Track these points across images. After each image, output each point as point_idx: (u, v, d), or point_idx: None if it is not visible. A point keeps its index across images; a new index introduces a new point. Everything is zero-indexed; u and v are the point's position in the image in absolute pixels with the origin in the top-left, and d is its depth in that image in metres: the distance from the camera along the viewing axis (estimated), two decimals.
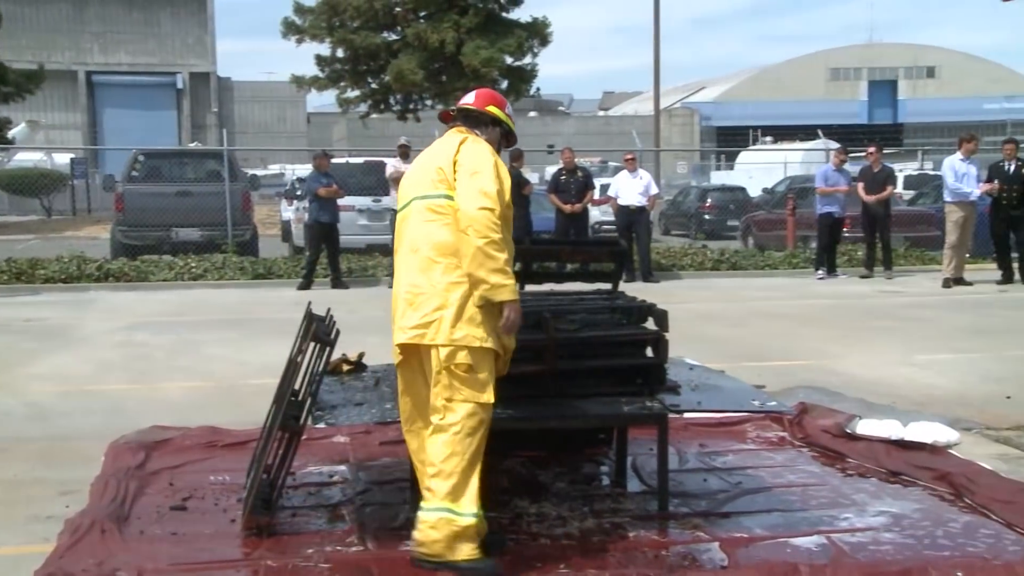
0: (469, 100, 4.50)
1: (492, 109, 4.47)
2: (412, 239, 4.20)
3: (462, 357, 4.05)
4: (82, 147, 47.55)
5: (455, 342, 4.04)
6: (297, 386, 4.78)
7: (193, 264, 16.89)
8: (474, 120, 4.46)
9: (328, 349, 4.77)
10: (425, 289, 4.09)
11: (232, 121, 54.34)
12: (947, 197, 15.58)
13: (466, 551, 4.05)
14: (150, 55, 54.23)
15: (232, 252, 17.87)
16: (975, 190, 15.24)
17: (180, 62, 54.98)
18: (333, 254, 15.80)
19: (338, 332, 4.82)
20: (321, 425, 4.83)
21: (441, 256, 4.11)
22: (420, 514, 4.11)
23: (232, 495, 5.15)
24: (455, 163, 4.20)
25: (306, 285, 15.50)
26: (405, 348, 4.18)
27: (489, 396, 4.11)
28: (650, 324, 5.17)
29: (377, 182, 18.39)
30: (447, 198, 4.16)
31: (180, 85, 54.87)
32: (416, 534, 4.12)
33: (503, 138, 4.52)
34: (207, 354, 9.76)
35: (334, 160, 18.30)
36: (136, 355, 9.74)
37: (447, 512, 4.05)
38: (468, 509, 4.05)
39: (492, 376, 4.13)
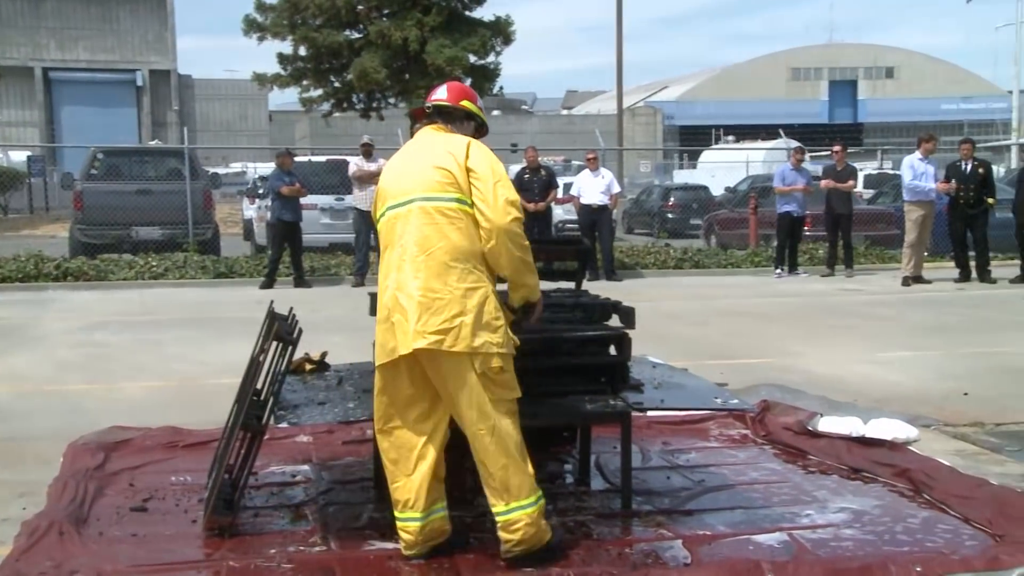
0: (442, 95, 4.45)
1: (466, 104, 4.46)
2: (420, 240, 4.10)
3: (496, 361, 4.08)
4: (39, 144, 47.00)
5: (475, 350, 4.03)
6: (259, 385, 4.75)
7: (154, 263, 16.78)
8: (448, 116, 4.43)
9: (290, 348, 4.75)
10: (443, 294, 4.04)
11: (193, 119, 53.86)
12: (906, 196, 15.74)
13: (547, 526, 4.22)
14: (109, 52, 53.61)
15: (193, 251, 17.77)
16: (933, 187, 15.40)
17: (140, 59, 54.39)
18: (296, 253, 15.74)
19: (300, 331, 4.79)
20: (283, 425, 4.80)
21: (455, 261, 4.08)
22: (503, 519, 4.12)
23: (193, 496, 5.11)
24: (467, 169, 4.17)
25: (268, 284, 15.43)
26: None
27: (519, 391, 4.20)
28: (615, 321, 5.18)
29: (340, 181, 18.33)
30: (459, 202, 4.13)
31: (140, 82, 54.28)
32: (509, 535, 4.12)
33: (475, 132, 4.52)
34: (168, 353, 9.68)
35: (297, 158, 18.22)
36: (96, 355, 9.65)
37: (527, 507, 4.12)
38: (534, 493, 4.16)
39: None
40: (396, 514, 4.24)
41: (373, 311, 4.35)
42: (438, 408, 4.20)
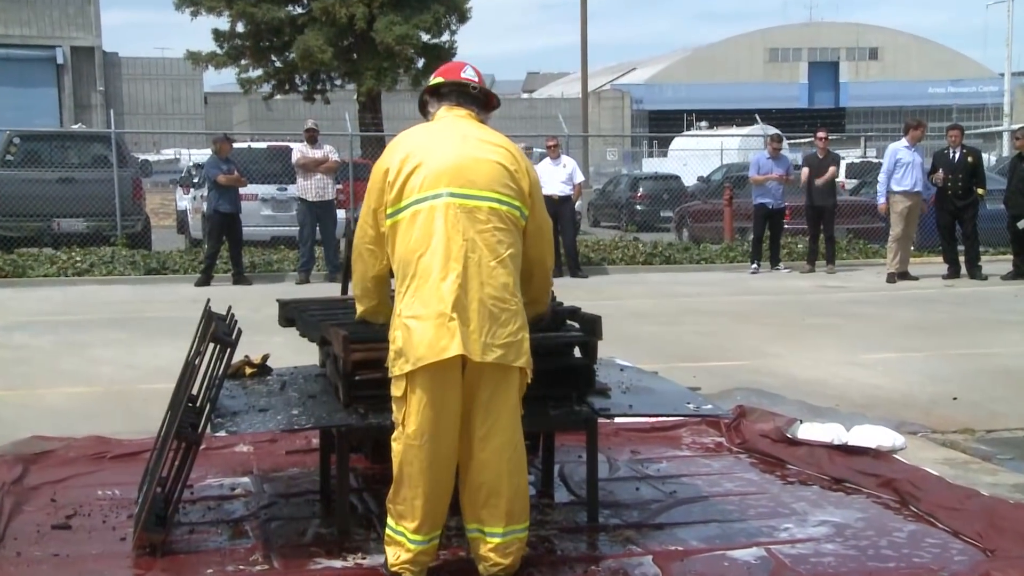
0: (472, 76, 4.41)
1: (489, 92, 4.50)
2: (492, 245, 4.06)
3: (529, 378, 4.17)
4: None
5: (527, 365, 4.13)
6: (195, 391, 4.72)
7: (78, 258, 16.64)
8: (479, 104, 4.43)
9: (229, 350, 4.72)
10: (510, 305, 4.06)
11: (120, 101, 53.34)
12: (883, 188, 15.83)
13: None
14: (25, 26, 52.92)
15: (122, 245, 17.64)
16: (916, 182, 15.49)
17: (60, 34, 53.73)
18: (235, 247, 15.67)
19: (240, 332, 4.77)
20: (222, 433, 4.77)
21: (517, 272, 4.15)
22: (496, 542, 4.13)
23: (122, 511, 5.07)
24: (532, 182, 4.26)
25: (205, 281, 15.37)
26: (452, 362, 4.01)
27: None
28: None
29: (282, 169, 18.24)
30: (519, 211, 4.19)
31: (60, 60, 53.63)
32: (500, 559, 4.13)
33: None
34: (94, 357, 9.60)
35: (236, 144, 18.12)
36: (13, 358, 9.55)
37: (522, 531, 4.20)
38: (527, 515, 4.25)
39: None
40: (408, 536, 4.12)
41: (285, 321, 4.26)
42: (458, 419, 4.14)
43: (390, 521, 4.18)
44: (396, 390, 4.09)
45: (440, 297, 3.97)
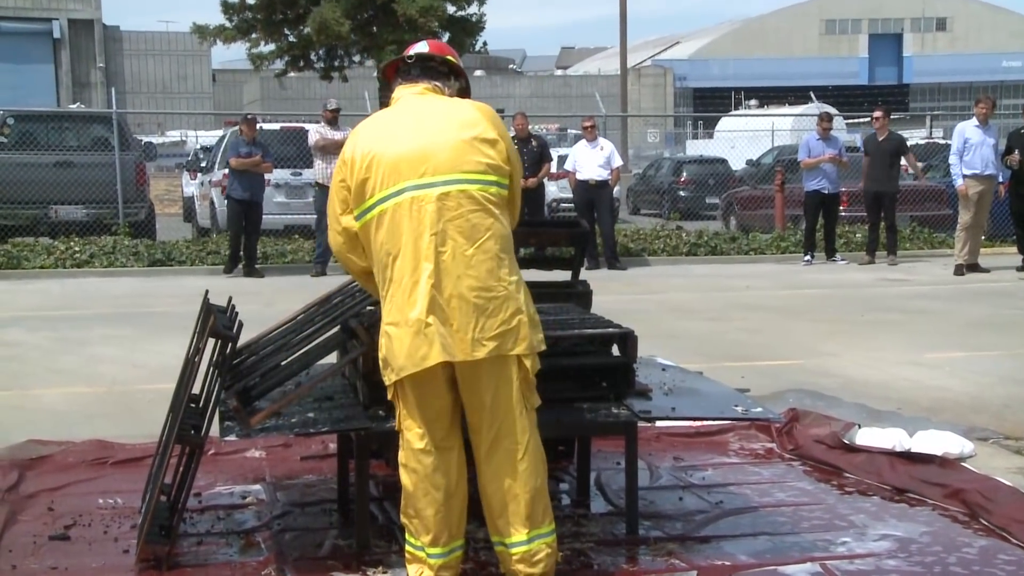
0: (423, 49, 4.41)
1: (451, 59, 4.43)
2: (468, 231, 4.04)
3: (534, 363, 4.15)
4: None
5: (533, 349, 4.11)
6: (197, 391, 4.74)
7: (77, 248, 16.74)
8: (434, 74, 4.37)
9: (230, 345, 4.72)
10: (499, 292, 4.04)
11: (122, 79, 53.72)
12: (956, 169, 15.73)
13: None
14: None
15: (124, 234, 17.73)
16: (987, 164, 15.36)
17: (56, 6, 54.13)
18: (249, 236, 15.77)
19: (241, 325, 4.77)
20: (231, 438, 4.79)
21: (504, 252, 4.10)
22: (522, 550, 4.12)
23: (125, 521, 5.11)
24: (508, 152, 4.21)
25: (229, 268, 15.68)
26: (433, 370, 4.04)
27: (538, 399, 4.24)
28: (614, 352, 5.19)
29: (297, 152, 18.29)
30: (499, 186, 4.15)
31: (57, 34, 54.01)
32: (530, 570, 4.13)
33: (459, 94, 4.50)
34: (94, 354, 9.67)
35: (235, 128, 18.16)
36: (7, 356, 9.62)
37: (548, 535, 4.18)
38: (552, 518, 4.23)
39: None
40: (427, 551, 4.15)
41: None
42: (457, 421, 4.19)
43: (409, 538, 4.20)
44: (391, 398, 4.17)
45: (413, 302, 3.99)
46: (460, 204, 4.04)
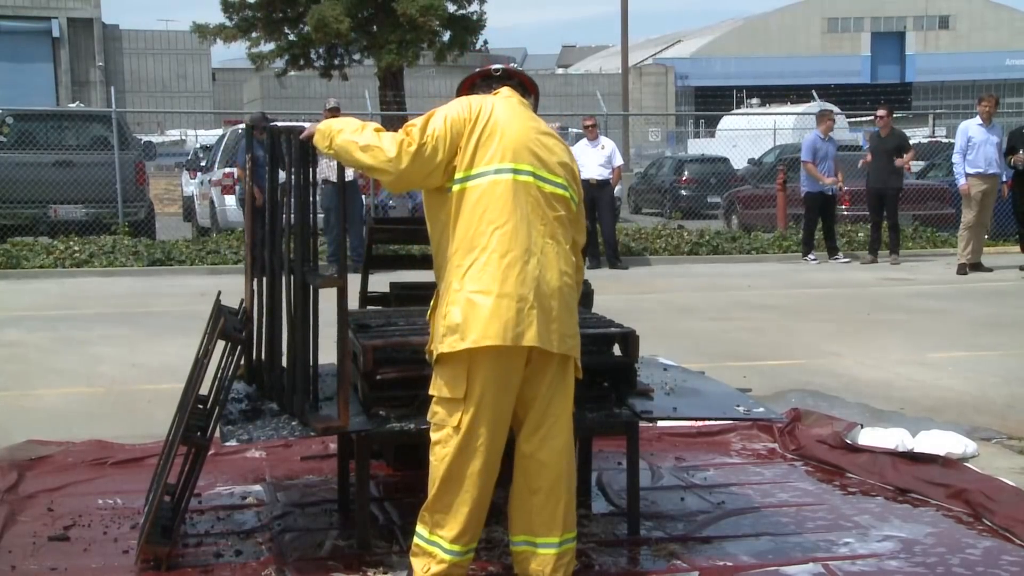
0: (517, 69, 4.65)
1: (529, 79, 4.63)
2: (563, 232, 4.19)
3: (577, 370, 4.24)
4: None
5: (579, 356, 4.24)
6: (204, 392, 4.74)
7: (76, 248, 16.72)
8: (521, 89, 4.48)
9: (240, 348, 4.74)
10: (575, 297, 4.24)
11: (121, 77, 53.76)
12: (956, 169, 15.72)
13: None
14: None
15: (124, 233, 17.71)
16: (991, 163, 15.36)
17: (56, 5, 54.17)
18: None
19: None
20: (232, 442, 4.78)
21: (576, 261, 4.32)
22: (552, 552, 4.15)
23: (125, 521, 5.11)
24: (575, 169, 4.35)
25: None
26: (522, 351, 4.04)
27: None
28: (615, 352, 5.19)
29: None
30: (575, 201, 4.29)
31: (56, 33, 54.04)
32: (553, 573, 4.16)
33: None
34: (94, 354, 9.66)
35: (240, 126, 18.16)
36: (7, 356, 9.62)
37: (574, 540, 4.25)
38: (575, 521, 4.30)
39: None
40: (445, 546, 4.10)
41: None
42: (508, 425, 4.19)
43: (421, 530, 4.15)
44: (443, 382, 4.05)
45: (522, 279, 3.99)
46: (558, 206, 4.18)
